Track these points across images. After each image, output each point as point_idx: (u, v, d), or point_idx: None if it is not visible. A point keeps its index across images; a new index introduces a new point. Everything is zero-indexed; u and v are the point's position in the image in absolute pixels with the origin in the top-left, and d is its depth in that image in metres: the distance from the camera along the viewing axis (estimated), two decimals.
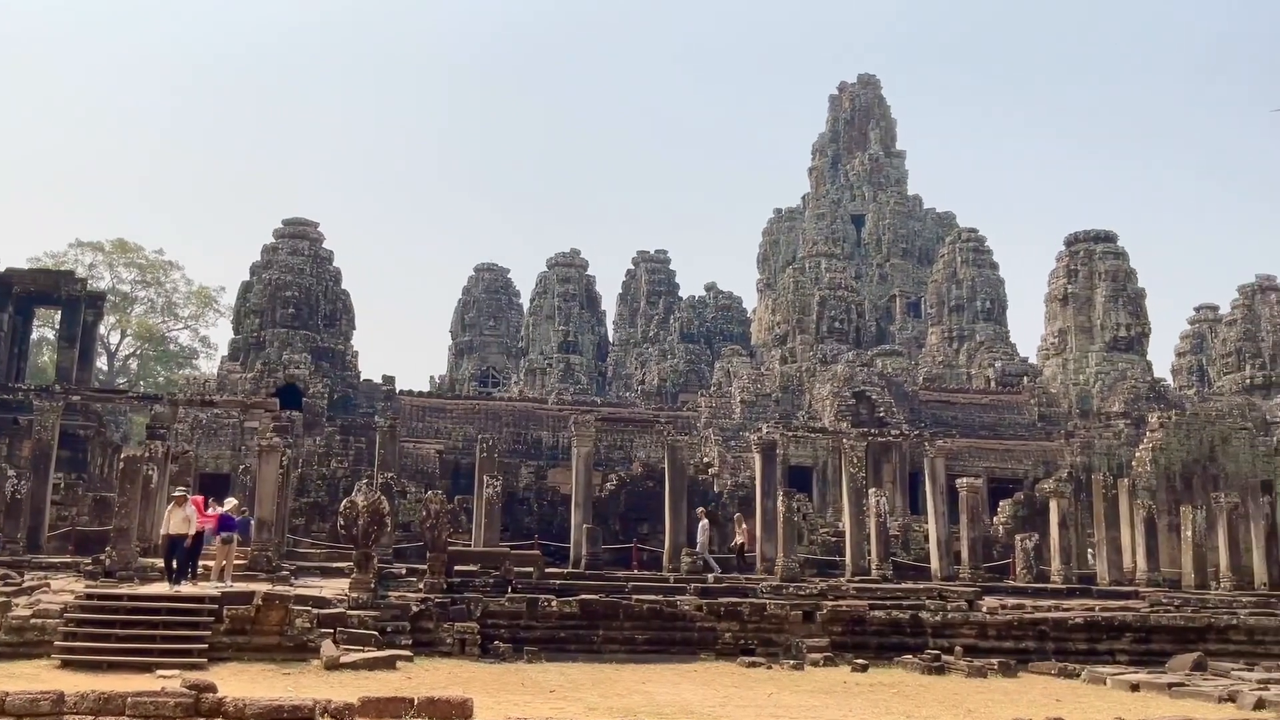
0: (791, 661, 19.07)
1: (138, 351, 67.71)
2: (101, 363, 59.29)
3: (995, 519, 34.07)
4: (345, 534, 20.68)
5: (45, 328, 57.82)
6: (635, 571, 26.17)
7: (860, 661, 19.00)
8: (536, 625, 19.83)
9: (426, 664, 17.06)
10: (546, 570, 23.14)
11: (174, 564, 18.72)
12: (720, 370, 52.28)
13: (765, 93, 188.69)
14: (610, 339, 65.86)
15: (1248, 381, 49.29)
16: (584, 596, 20.48)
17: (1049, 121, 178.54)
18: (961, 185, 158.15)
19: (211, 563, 20.08)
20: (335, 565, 24.16)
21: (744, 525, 28.40)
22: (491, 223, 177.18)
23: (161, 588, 18.21)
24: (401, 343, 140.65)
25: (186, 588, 18.31)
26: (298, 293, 44.69)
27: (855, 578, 25.06)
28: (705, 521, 26.70)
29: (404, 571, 22.26)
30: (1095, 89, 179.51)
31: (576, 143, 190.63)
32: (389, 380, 44.17)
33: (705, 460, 37.48)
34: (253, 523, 23.18)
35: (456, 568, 21.69)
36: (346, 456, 35.58)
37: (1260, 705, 14.93)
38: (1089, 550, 31.27)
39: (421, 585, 20.38)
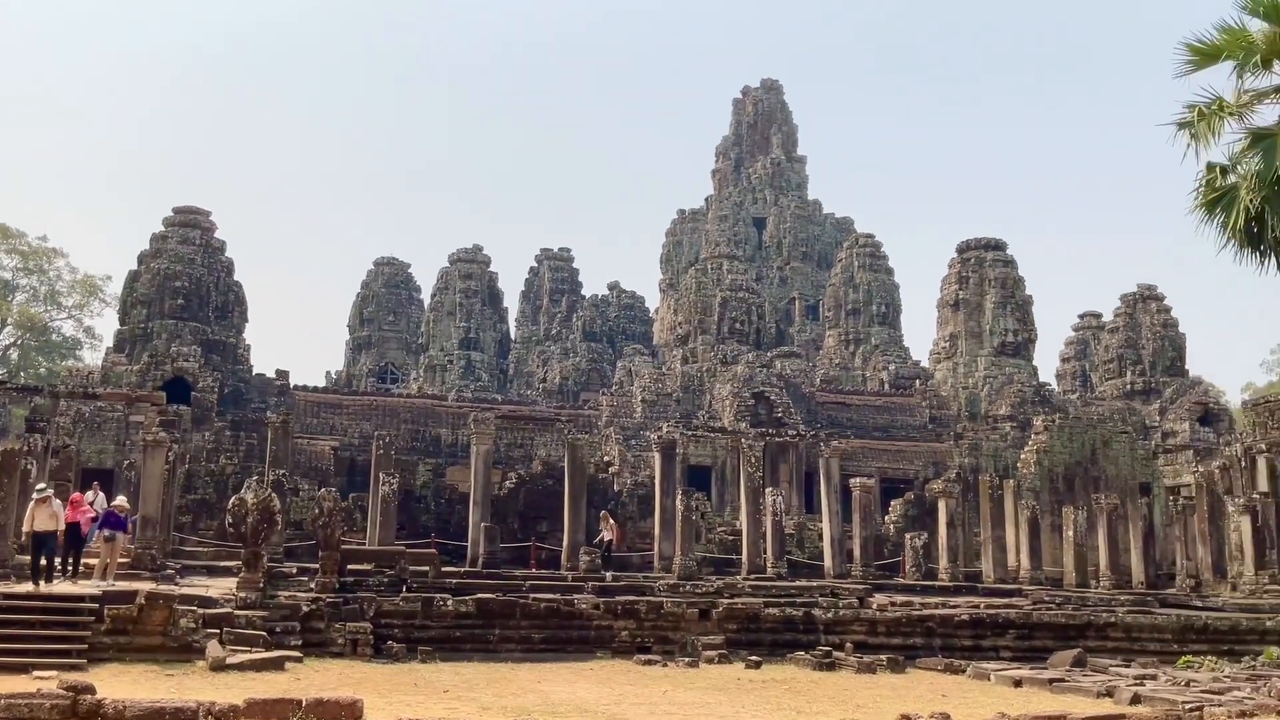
0: (687, 659, 19.20)
1: (18, 341, 65.17)
2: None
3: (887, 518, 34.80)
4: (234, 532, 20.13)
5: None
6: (533, 570, 26.07)
7: (754, 658, 19.21)
8: (432, 625, 19.59)
9: (317, 665, 16.74)
10: (443, 569, 22.88)
11: (43, 562, 17.99)
12: (622, 369, 52.40)
13: (670, 94, 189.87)
14: (512, 336, 65.43)
15: (1128, 387, 51.10)
16: (481, 595, 20.29)
17: (944, 131, 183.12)
18: (859, 191, 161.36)
19: (94, 561, 19.44)
20: (223, 564, 23.60)
21: (610, 523, 28.53)
22: (392, 217, 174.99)
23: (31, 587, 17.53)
24: (297, 337, 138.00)
25: (66, 586, 17.67)
26: (188, 283, 43.47)
27: (751, 576, 25.32)
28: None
29: (295, 571, 21.76)
30: (989, 100, 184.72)
31: (480, 139, 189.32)
32: (283, 375, 43.26)
33: (606, 459, 37.51)
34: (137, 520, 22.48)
35: (350, 567, 21.32)
36: (237, 453, 34.76)
37: (1136, 700, 15.49)
38: (976, 549, 32.14)
39: (313, 585, 19.97)
